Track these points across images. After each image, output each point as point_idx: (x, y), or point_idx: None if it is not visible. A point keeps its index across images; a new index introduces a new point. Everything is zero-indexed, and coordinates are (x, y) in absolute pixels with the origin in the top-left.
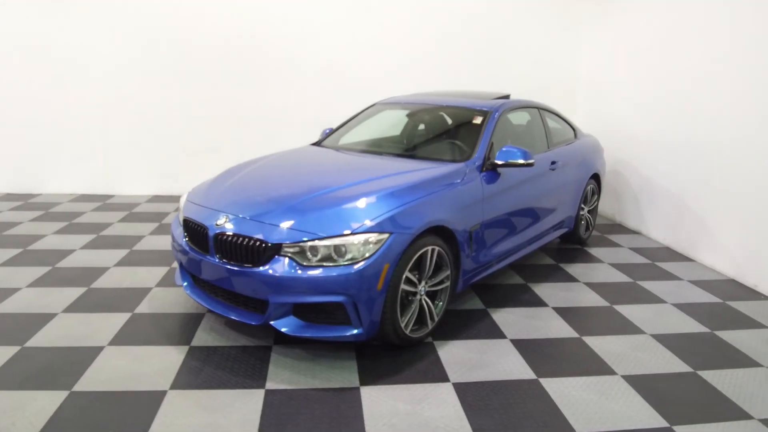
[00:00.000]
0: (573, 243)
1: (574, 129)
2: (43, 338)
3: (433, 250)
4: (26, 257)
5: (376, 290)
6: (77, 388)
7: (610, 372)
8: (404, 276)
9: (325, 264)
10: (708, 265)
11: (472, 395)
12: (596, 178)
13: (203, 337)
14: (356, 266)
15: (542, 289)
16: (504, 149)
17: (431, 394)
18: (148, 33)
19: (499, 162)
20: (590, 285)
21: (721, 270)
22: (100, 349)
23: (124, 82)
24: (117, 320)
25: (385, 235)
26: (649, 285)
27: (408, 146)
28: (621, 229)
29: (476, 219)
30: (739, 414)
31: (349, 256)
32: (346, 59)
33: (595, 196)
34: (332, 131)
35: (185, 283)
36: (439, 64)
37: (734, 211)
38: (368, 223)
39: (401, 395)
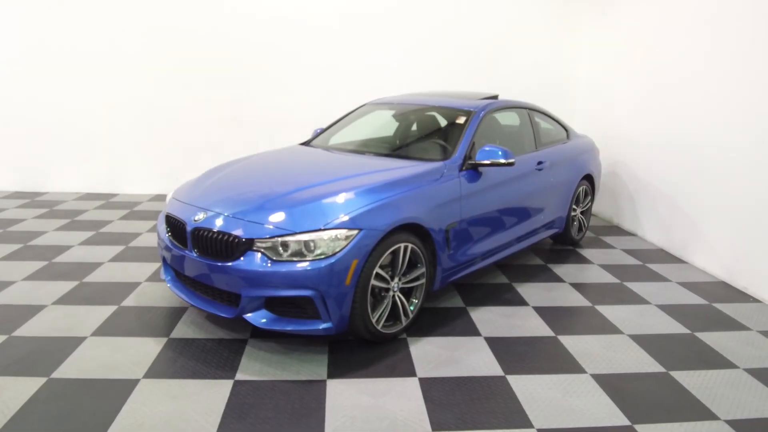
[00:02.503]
0: (565, 244)
1: (566, 129)
2: (29, 328)
3: (406, 247)
4: (25, 252)
5: (344, 285)
6: (55, 375)
7: (579, 371)
8: (374, 272)
9: (295, 259)
10: (700, 268)
11: (436, 390)
12: (590, 179)
13: (183, 330)
14: (324, 261)
15: (525, 289)
16: (484, 148)
17: (396, 388)
18: (151, 37)
19: (479, 161)
20: (575, 285)
21: (713, 272)
22: (82, 339)
23: (128, 85)
24: (103, 313)
25: (355, 232)
26: (635, 286)
27: (393, 146)
28: (617, 230)
29: (453, 217)
30: (705, 414)
31: (318, 251)
32: (348, 60)
33: (589, 197)
34: (322, 131)
35: (168, 278)
36: (438, 65)
37: (726, 214)
38: (338, 219)
39: (366, 388)
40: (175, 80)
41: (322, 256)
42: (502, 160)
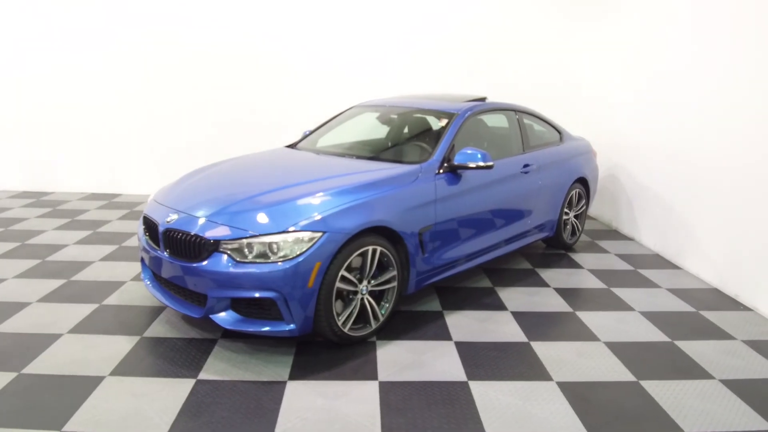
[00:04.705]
0: (557, 248)
1: (559, 132)
2: (10, 325)
3: (374, 250)
4: (22, 251)
5: (307, 287)
6: (26, 370)
7: (545, 378)
8: (340, 274)
9: (259, 261)
10: (693, 274)
11: (395, 394)
12: (584, 182)
13: (156, 329)
14: (286, 263)
15: (507, 293)
16: (464, 151)
17: (354, 391)
18: (155, 40)
19: (457, 164)
20: (559, 290)
21: (705, 278)
22: (58, 336)
23: (133, 88)
24: (83, 310)
25: (318, 234)
26: (622, 292)
27: (375, 148)
28: (615, 235)
29: (427, 221)
30: (669, 426)
31: (281, 253)
32: (348, 62)
33: (583, 201)
34: (310, 133)
35: (146, 279)
36: (438, 68)
37: (720, 220)
38: (303, 221)
39: (324, 391)
40: (178, 83)
41: (285, 258)
42: (481, 163)
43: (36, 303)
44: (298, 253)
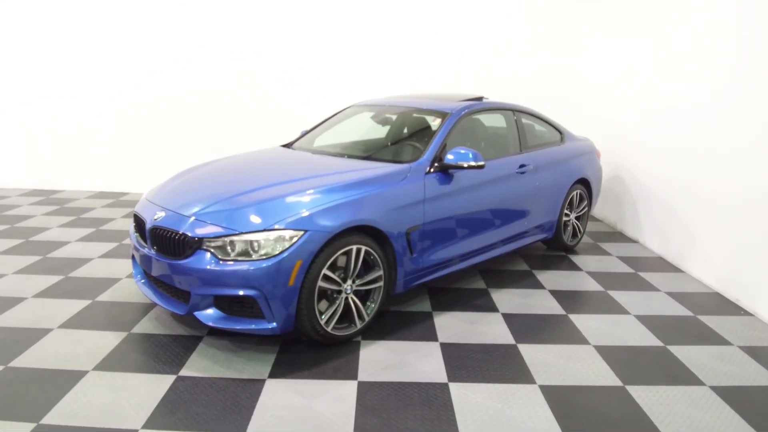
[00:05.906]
0: (558, 250)
1: (560, 132)
2: (4, 319)
3: (359, 249)
4: (25, 247)
5: (288, 286)
6: (13, 364)
7: (528, 381)
8: (322, 273)
9: (240, 258)
10: (695, 277)
11: (372, 395)
12: (585, 183)
13: (145, 325)
14: (267, 261)
15: (500, 295)
16: (454, 151)
17: (331, 390)
18: (161, 42)
19: (448, 163)
20: (555, 293)
21: (707, 282)
22: (48, 331)
23: (140, 89)
24: (76, 306)
25: (300, 233)
26: (619, 295)
27: (368, 147)
28: (620, 237)
29: (415, 220)
30: None
31: (262, 251)
32: (354, 63)
33: (585, 202)
34: (306, 132)
35: (137, 275)
36: (442, 70)
37: (722, 223)
38: (285, 220)
39: (302, 389)
40: (183, 84)
41: (266, 256)
42: (472, 163)
43: (31, 298)
44: (279, 251)
